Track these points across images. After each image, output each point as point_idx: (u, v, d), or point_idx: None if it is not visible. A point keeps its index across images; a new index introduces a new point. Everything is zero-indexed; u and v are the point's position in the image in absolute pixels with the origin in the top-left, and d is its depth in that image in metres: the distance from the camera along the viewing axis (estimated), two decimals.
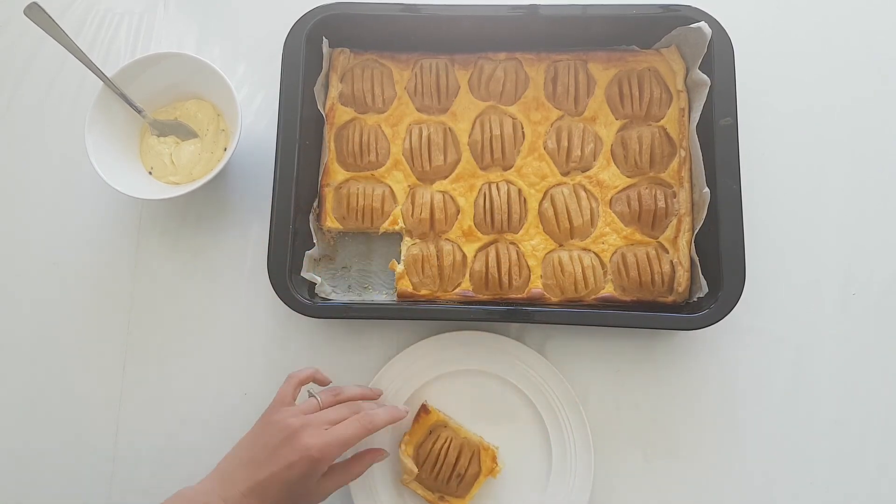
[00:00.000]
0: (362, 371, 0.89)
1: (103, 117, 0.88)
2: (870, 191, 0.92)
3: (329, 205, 0.90)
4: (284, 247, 0.83)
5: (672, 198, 0.87)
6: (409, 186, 0.90)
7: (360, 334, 0.91)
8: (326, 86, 0.93)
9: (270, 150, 0.86)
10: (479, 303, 0.86)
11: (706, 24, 0.84)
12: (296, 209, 0.84)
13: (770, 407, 0.87)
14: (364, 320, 0.91)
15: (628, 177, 0.89)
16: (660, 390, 0.88)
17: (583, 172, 0.89)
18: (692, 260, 0.85)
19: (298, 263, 0.85)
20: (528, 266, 0.87)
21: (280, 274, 0.83)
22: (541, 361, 0.86)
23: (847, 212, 0.92)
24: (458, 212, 0.89)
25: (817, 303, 0.90)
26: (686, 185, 0.87)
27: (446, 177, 0.90)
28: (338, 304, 0.87)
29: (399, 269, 0.87)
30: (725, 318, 0.79)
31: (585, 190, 0.88)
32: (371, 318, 0.88)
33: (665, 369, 0.89)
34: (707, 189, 0.83)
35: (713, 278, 0.81)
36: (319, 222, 0.90)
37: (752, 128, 0.91)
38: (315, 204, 0.90)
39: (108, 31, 1.01)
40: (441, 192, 0.89)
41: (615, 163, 0.89)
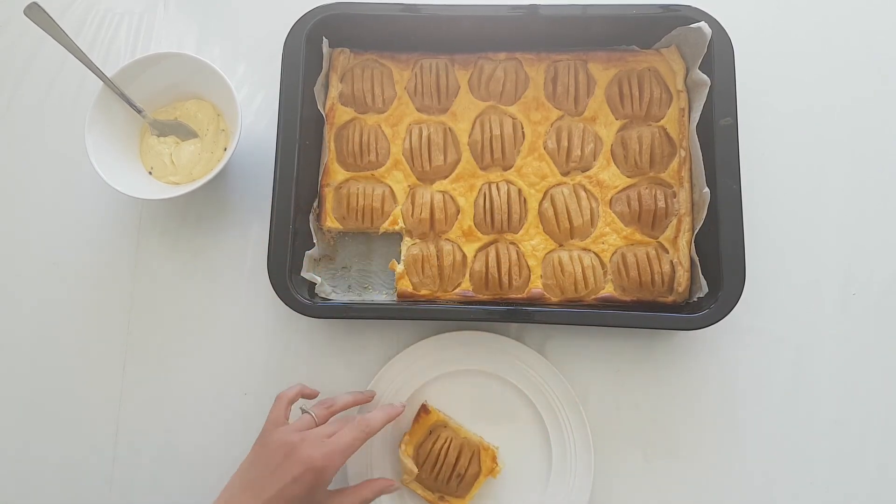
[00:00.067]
0: (362, 371, 0.89)
1: (103, 117, 0.88)
2: (870, 191, 0.92)
3: (329, 205, 0.90)
4: (284, 247, 0.83)
5: (672, 198, 0.87)
6: (409, 186, 0.90)
7: (360, 334, 0.91)
8: (326, 86, 0.93)
9: (270, 150, 0.86)
10: (479, 303, 0.86)
11: (706, 24, 0.84)
12: (296, 209, 0.84)
13: (770, 407, 0.87)
14: (364, 320, 0.91)
15: (628, 177, 0.89)
16: (660, 390, 0.88)
17: (583, 172, 0.89)
18: (692, 260, 0.85)
19: (298, 263, 0.85)
20: (528, 266, 0.87)
21: (280, 274, 0.83)
22: (541, 361, 0.86)
23: (847, 212, 0.92)
24: (458, 212, 0.89)
25: (817, 303, 0.90)
26: (686, 185, 0.87)
27: (446, 177, 0.90)
28: (338, 304, 0.87)
29: (399, 269, 0.87)
30: (725, 318, 0.79)
31: (585, 190, 0.88)
32: (371, 318, 0.88)
33: (665, 369, 0.89)
34: (707, 189, 0.83)
35: (713, 278, 0.81)
36: (319, 222, 0.90)
37: (752, 128, 0.91)
38: (315, 204, 0.90)
39: (108, 31, 1.01)
40: (441, 192, 0.89)
41: (615, 163, 0.89)
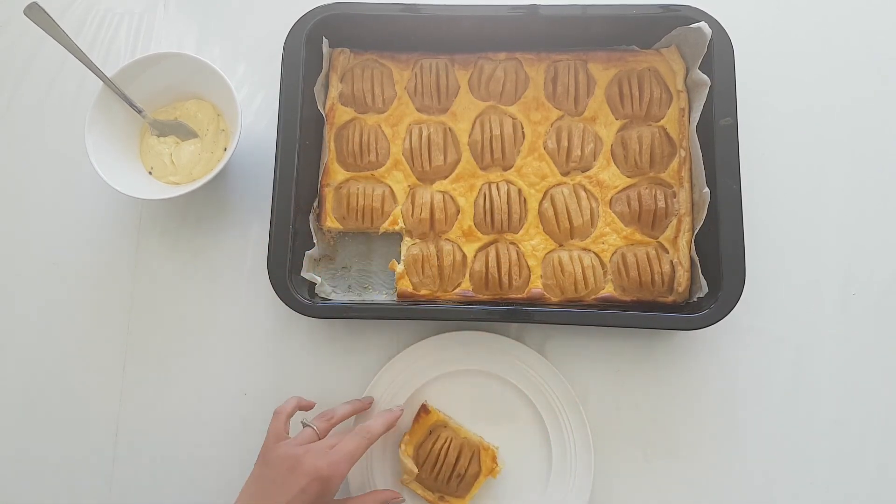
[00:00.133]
0: (362, 371, 0.89)
1: (103, 117, 0.88)
2: (870, 191, 0.92)
3: (329, 205, 0.90)
4: (284, 247, 0.83)
5: (672, 198, 0.87)
6: (409, 186, 0.90)
7: (360, 334, 0.91)
8: (326, 86, 0.93)
9: (270, 150, 0.86)
10: (479, 303, 0.86)
11: (706, 24, 0.84)
12: (296, 209, 0.84)
13: (770, 407, 0.87)
14: (364, 320, 0.91)
15: (628, 177, 0.89)
16: (660, 390, 0.88)
17: (583, 172, 0.89)
18: (692, 260, 0.85)
19: (298, 263, 0.85)
20: (528, 266, 0.87)
21: (280, 274, 0.83)
22: (541, 361, 0.86)
23: (847, 212, 0.92)
24: (458, 212, 0.89)
25: (817, 303, 0.90)
26: (686, 185, 0.87)
27: (446, 177, 0.90)
28: (338, 304, 0.87)
29: (399, 269, 0.87)
30: (725, 318, 0.79)
31: (585, 190, 0.88)
32: (371, 318, 0.88)
33: (665, 369, 0.89)
34: (707, 189, 0.83)
35: (713, 278, 0.81)
36: (319, 222, 0.90)
37: (752, 128, 0.91)
38: (315, 204, 0.90)
39: (108, 31, 1.01)
40: (441, 192, 0.89)
41: (615, 163, 0.89)
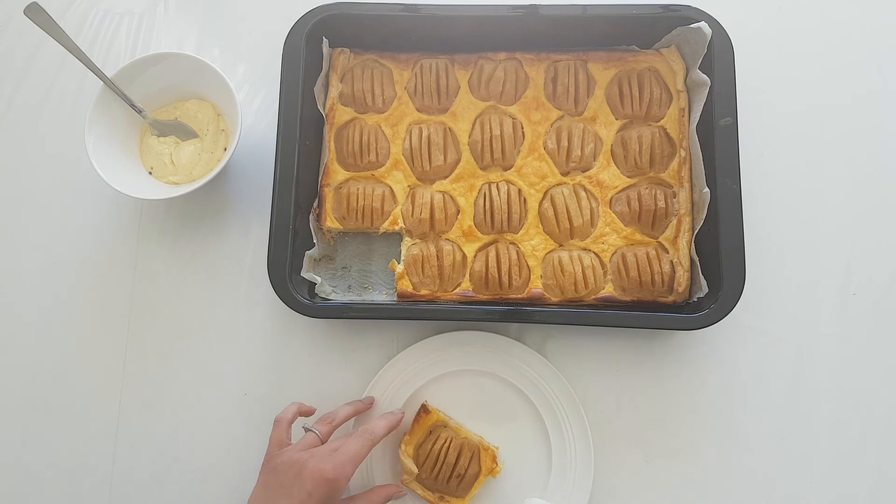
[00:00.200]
0: (362, 371, 0.89)
1: (103, 117, 0.88)
2: (870, 191, 0.92)
3: (329, 205, 0.90)
4: (284, 247, 0.83)
5: (672, 198, 0.87)
6: (409, 186, 0.90)
7: (360, 334, 0.91)
8: (326, 86, 0.93)
9: (270, 150, 0.86)
10: (479, 303, 0.86)
11: (706, 24, 0.84)
12: (296, 209, 0.84)
13: (770, 407, 0.87)
14: (364, 320, 0.91)
15: (628, 177, 0.89)
16: (660, 390, 0.88)
17: (583, 172, 0.89)
18: (692, 260, 0.85)
19: (298, 263, 0.85)
20: (528, 266, 0.87)
21: (280, 274, 0.83)
22: (541, 361, 0.86)
23: (847, 212, 0.92)
24: (458, 212, 0.89)
25: (817, 303, 0.90)
26: (686, 185, 0.87)
27: (446, 177, 0.90)
28: (338, 304, 0.87)
29: (399, 269, 0.87)
30: (725, 318, 0.79)
31: (585, 190, 0.88)
32: (371, 318, 0.88)
33: (665, 369, 0.89)
34: (707, 189, 0.83)
35: (713, 278, 0.81)
36: (319, 222, 0.90)
37: (752, 128, 0.91)
38: (315, 204, 0.90)
39: (108, 31, 1.01)
40: (441, 192, 0.89)
41: (615, 163, 0.89)
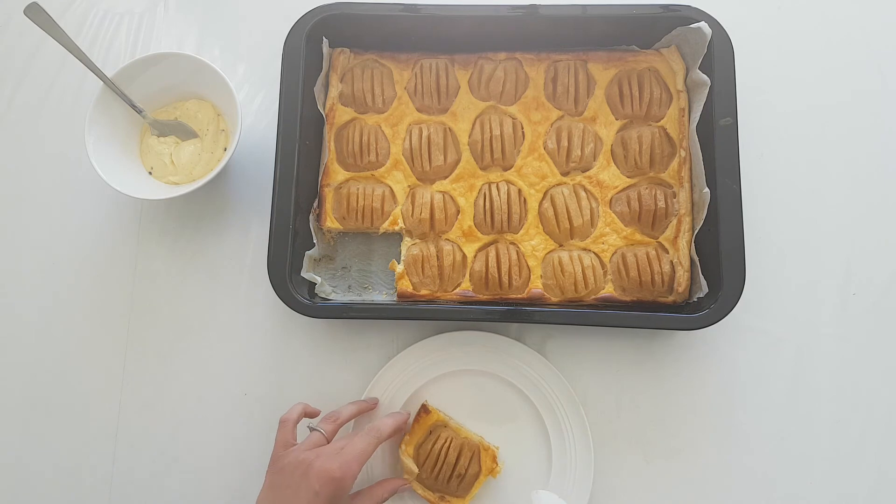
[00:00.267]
0: (362, 371, 0.89)
1: (103, 117, 0.88)
2: (870, 190, 0.92)
3: (329, 205, 0.90)
4: (284, 247, 0.83)
5: (672, 198, 0.87)
6: (409, 186, 0.90)
7: (360, 334, 0.91)
8: (326, 86, 0.93)
9: (270, 150, 0.86)
10: (479, 303, 0.86)
11: (706, 24, 0.84)
12: (296, 209, 0.84)
13: (770, 407, 0.87)
14: (364, 320, 0.91)
15: (628, 177, 0.89)
16: (660, 390, 0.88)
17: (583, 172, 0.89)
18: (692, 260, 0.85)
19: (298, 263, 0.85)
20: (528, 266, 0.87)
21: (280, 274, 0.83)
22: (541, 361, 0.86)
23: (847, 211, 0.92)
24: (458, 212, 0.89)
25: (817, 303, 0.90)
26: (686, 185, 0.87)
27: (446, 177, 0.90)
28: (338, 304, 0.87)
29: (399, 269, 0.87)
30: (725, 318, 0.79)
31: (585, 190, 0.88)
32: (371, 318, 0.88)
33: (665, 369, 0.89)
34: (707, 189, 0.83)
35: (713, 278, 0.81)
36: (319, 222, 0.90)
37: (752, 128, 0.91)
38: (315, 204, 0.90)
39: (108, 31, 1.01)
40: (441, 192, 0.89)
41: (615, 163, 0.89)
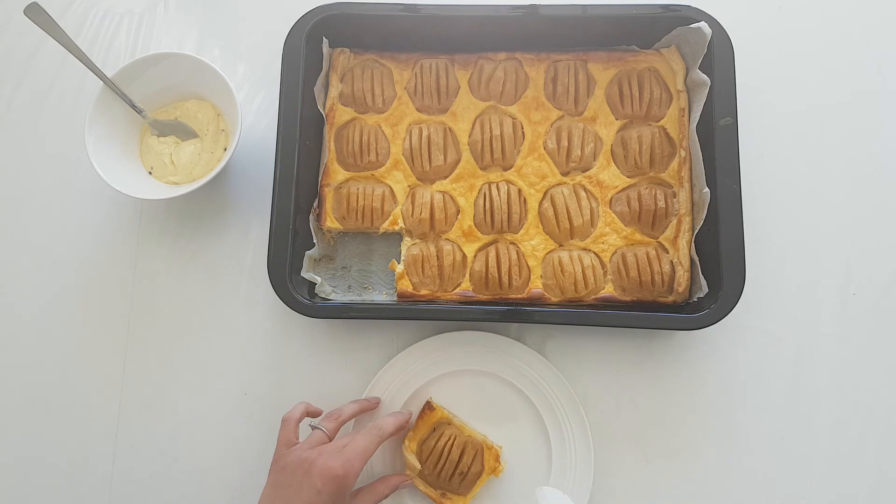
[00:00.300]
0: (362, 371, 0.89)
1: (103, 117, 0.88)
2: (870, 190, 0.92)
3: (329, 205, 0.90)
4: (284, 247, 0.83)
5: (672, 198, 0.87)
6: (409, 186, 0.90)
7: (360, 334, 0.91)
8: (326, 86, 0.93)
9: (270, 150, 0.86)
10: (479, 303, 0.86)
11: (706, 24, 0.84)
12: (296, 209, 0.84)
13: (770, 407, 0.88)
14: (364, 320, 0.91)
15: (628, 177, 0.89)
16: (660, 390, 0.88)
17: (583, 172, 0.89)
18: (692, 260, 0.85)
19: (298, 263, 0.85)
20: (528, 266, 0.87)
21: (280, 274, 0.83)
22: (541, 361, 0.86)
23: (847, 211, 0.92)
24: (458, 212, 0.89)
25: (817, 303, 0.90)
26: (686, 185, 0.87)
27: (446, 177, 0.90)
28: (338, 304, 0.87)
29: (399, 269, 0.87)
30: (725, 318, 0.79)
31: (585, 190, 0.88)
32: (371, 318, 0.88)
33: (665, 369, 0.89)
34: (707, 189, 0.83)
35: (713, 278, 0.81)
36: (319, 222, 0.90)
37: (752, 128, 0.91)
38: (315, 204, 0.90)
39: (108, 31, 1.01)
40: (441, 192, 0.89)
41: (615, 163, 0.89)
